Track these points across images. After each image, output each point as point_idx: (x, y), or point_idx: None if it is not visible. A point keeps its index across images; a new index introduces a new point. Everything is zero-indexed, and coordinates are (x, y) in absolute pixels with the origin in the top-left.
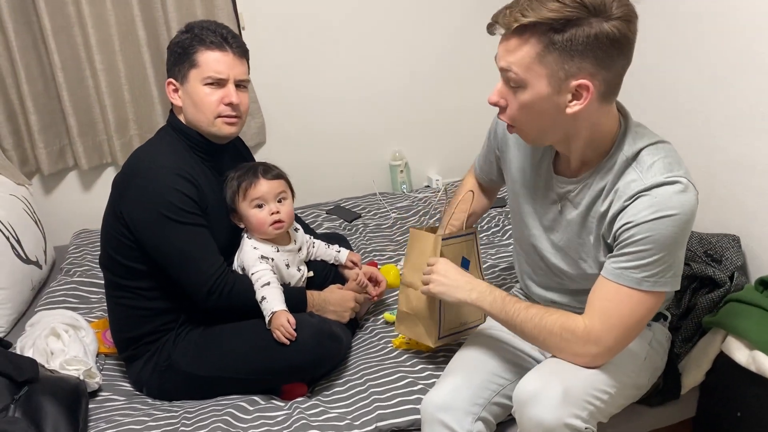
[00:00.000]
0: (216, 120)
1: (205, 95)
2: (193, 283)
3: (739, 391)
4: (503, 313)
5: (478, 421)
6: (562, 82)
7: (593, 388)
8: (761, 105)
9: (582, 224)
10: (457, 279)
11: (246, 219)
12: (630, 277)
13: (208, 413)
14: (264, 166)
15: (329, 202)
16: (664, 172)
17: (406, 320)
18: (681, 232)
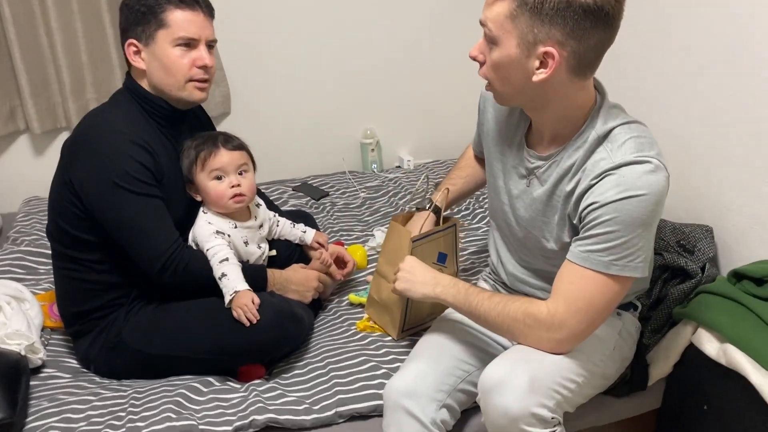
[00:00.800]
0: (187, 84)
1: (176, 57)
2: (145, 258)
3: (707, 384)
4: (467, 305)
5: (442, 409)
6: (531, 46)
7: (560, 377)
8: (738, 96)
9: (547, 202)
10: (421, 275)
11: (204, 191)
12: (597, 260)
13: (159, 394)
14: (224, 135)
15: (296, 179)
16: (634, 152)
17: (375, 306)
18: (649, 214)
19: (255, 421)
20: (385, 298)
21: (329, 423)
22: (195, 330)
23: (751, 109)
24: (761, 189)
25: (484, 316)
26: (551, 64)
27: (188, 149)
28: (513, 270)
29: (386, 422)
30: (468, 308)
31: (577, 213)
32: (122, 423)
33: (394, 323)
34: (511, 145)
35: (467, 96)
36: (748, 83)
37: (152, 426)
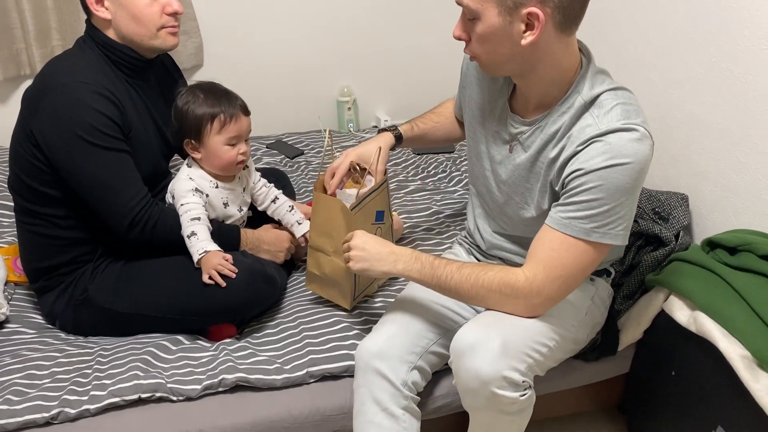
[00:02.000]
0: (159, 32)
1: (145, 6)
2: (112, 214)
3: (677, 351)
4: (435, 279)
5: (413, 370)
6: (513, 10)
7: (533, 341)
8: (722, 63)
9: (530, 169)
10: (378, 251)
11: (213, 153)
12: (578, 227)
13: (127, 351)
14: (239, 99)
15: (270, 136)
16: (621, 119)
17: (317, 281)
18: (633, 183)
19: (225, 380)
20: (328, 272)
21: (300, 383)
22: (164, 289)
23: (730, 76)
24: (738, 158)
25: (455, 289)
26: (537, 24)
27: (197, 105)
28: (489, 236)
29: (357, 383)
30: (437, 282)
31: (561, 179)
32: (88, 380)
33: (344, 295)
34: (494, 110)
35: (448, 56)
36: (728, 51)
37: (119, 384)
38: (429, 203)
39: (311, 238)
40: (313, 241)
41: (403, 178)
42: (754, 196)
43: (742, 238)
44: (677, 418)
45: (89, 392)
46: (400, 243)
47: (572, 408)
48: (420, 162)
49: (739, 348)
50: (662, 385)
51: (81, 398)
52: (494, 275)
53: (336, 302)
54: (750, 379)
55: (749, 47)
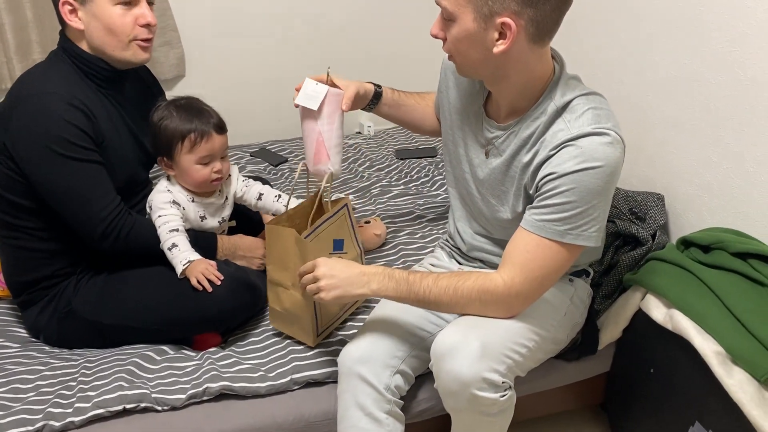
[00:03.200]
0: (131, 44)
1: (118, 17)
2: (84, 225)
3: (654, 349)
4: (412, 295)
5: (396, 375)
6: (488, 18)
7: (512, 342)
8: (693, 64)
9: (505, 172)
10: (348, 275)
11: (185, 171)
12: (552, 229)
13: (111, 363)
14: (214, 116)
15: (254, 144)
16: (592, 123)
17: (279, 317)
18: (605, 185)
19: (209, 388)
20: (288, 307)
21: (284, 390)
22: (148, 300)
23: (700, 77)
24: (710, 158)
25: (435, 302)
26: (509, 34)
27: (171, 122)
28: (470, 238)
29: (341, 388)
30: (415, 298)
31: (534, 183)
32: (72, 393)
33: (305, 330)
34: (470, 114)
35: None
36: (698, 52)
37: (104, 395)
38: (412, 207)
39: (269, 272)
40: (271, 276)
41: (386, 183)
42: (727, 194)
43: (715, 236)
44: (656, 415)
45: (74, 404)
46: (383, 248)
47: (556, 407)
48: (403, 167)
49: (713, 344)
50: (641, 382)
51: (65, 411)
52: (472, 284)
53: (299, 339)
54: (724, 374)
55: (718, 49)
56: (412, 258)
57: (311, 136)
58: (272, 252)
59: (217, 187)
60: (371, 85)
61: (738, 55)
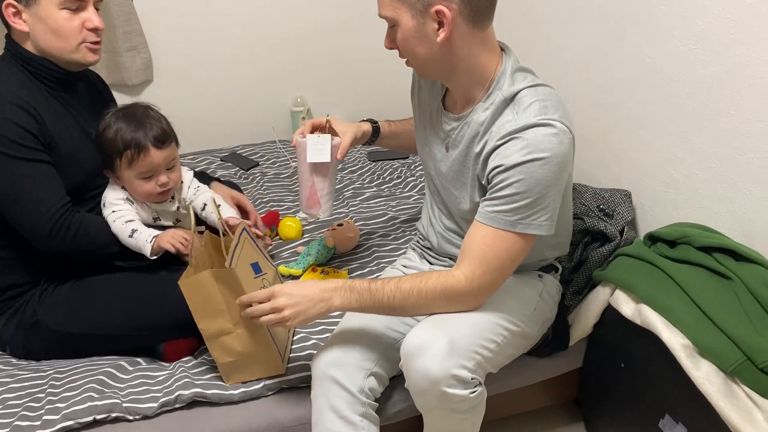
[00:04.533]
0: (80, 47)
1: (64, 21)
2: (30, 225)
3: (624, 343)
4: (377, 303)
5: (370, 377)
6: (423, 12)
7: (480, 338)
8: (656, 63)
9: (462, 163)
10: (308, 295)
11: (128, 185)
12: (504, 220)
13: (81, 373)
14: (154, 129)
15: (224, 149)
16: (537, 114)
17: (235, 368)
18: (553, 176)
19: (181, 396)
20: (241, 350)
21: (257, 396)
22: (115, 305)
23: (663, 75)
24: (675, 154)
25: (400, 306)
26: (446, 21)
27: (110, 133)
28: (441, 231)
29: (314, 393)
30: (380, 306)
31: (485, 174)
32: (41, 405)
33: (270, 361)
34: (432, 111)
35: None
36: (661, 51)
37: (73, 407)
38: (385, 209)
39: (202, 331)
40: (206, 332)
41: (359, 185)
42: (691, 190)
43: (680, 231)
44: (628, 409)
45: (42, 417)
46: (357, 250)
47: (530, 404)
48: (375, 168)
49: (680, 338)
50: (612, 377)
51: (33, 423)
52: (435, 283)
53: (266, 375)
54: (691, 367)
55: (679, 47)
56: (386, 260)
57: (306, 183)
58: (196, 307)
59: (167, 198)
60: (368, 125)
61: (699, 52)
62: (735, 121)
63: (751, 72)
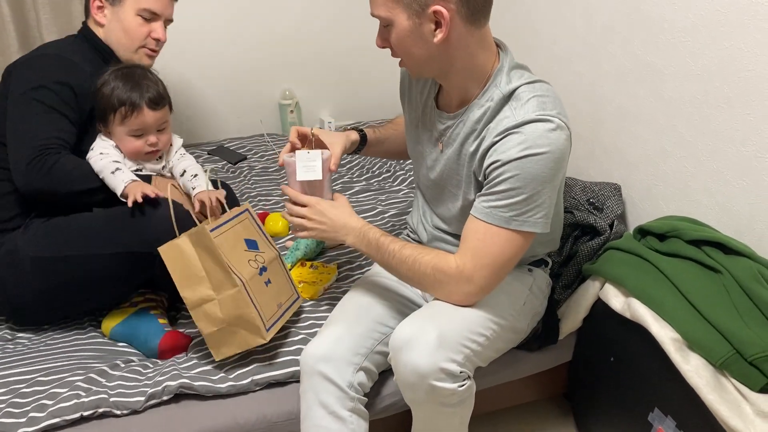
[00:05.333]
0: (140, 50)
1: (137, 25)
2: (15, 158)
3: (613, 337)
4: (379, 256)
5: (359, 372)
6: (420, 12)
7: (469, 331)
8: (645, 56)
9: (456, 161)
10: (336, 223)
11: (119, 141)
12: (499, 216)
13: (70, 370)
14: (151, 90)
15: (211, 143)
16: (536, 110)
17: (221, 338)
18: (550, 171)
19: (168, 387)
20: (224, 316)
21: (245, 391)
22: (94, 225)
23: (653, 69)
24: (664, 147)
25: (396, 268)
26: (444, 22)
27: (107, 89)
28: (431, 230)
29: (303, 388)
30: (380, 260)
31: (482, 170)
32: (27, 401)
33: (252, 326)
34: (425, 109)
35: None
36: (650, 45)
37: (60, 403)
38: (374, 203)
39: (185, 299)
40: (189, 300)
41: (348, 179)
42: (681, 183)
43: (670, 224)
44: (617, 403)
45: (28, 414)
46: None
47: (520, 398)
48: (365, 162)
49: (669, 331)
50: (602, 371)
51: (18, 420)
52: (430, 259)
53: (251, 344)
54: (681, 360)
55: (669, 40)
56: None
57: None
58: (177, 274)
59: (153, 158)
60: (356, 134)
61: (689, 45)
62: (725, 114)
63: (740, 65)
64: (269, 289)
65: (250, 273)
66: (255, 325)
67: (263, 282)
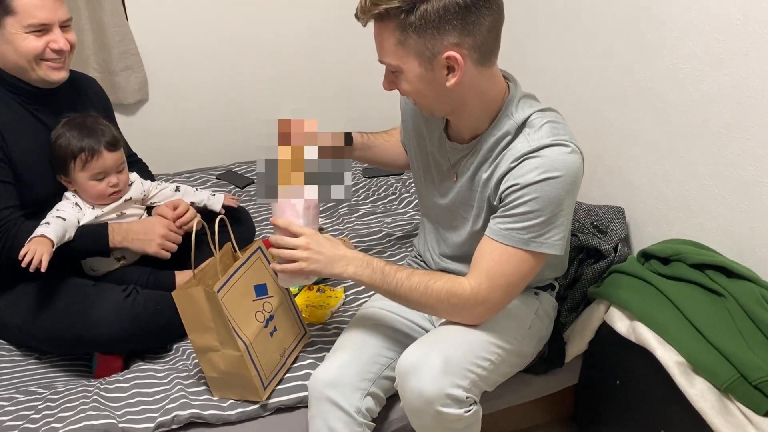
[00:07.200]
0: (41, 63)
1: (29, 42)
2: None
3: (619, 360)
4: (385, 285)
5: (367, 397)
6: (431, 59)
7: (474, 356)
8: (646, 80)
9: (469, 188)
10: (332, 255)
11: (81, 188)
12: (517, 237)
13: (77, 394)
14: (106, 134)
15: (220, 167)
16: (550, 135)
17: (221, 384)
18: (567, 194)
19: (178, 416)
20: (224, 369)
21: (255, 416)
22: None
23: (653, 93)
24: (666, 170)
25: (405, 297)
26: (458, 67)
27: (64, 141)
28: (437, 259)
29: (311, 413)
30: (387, 289)
31: (498, 194)
32: (37, 426)
33: (250, 386)
34: (432, 140)
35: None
36: (651, 68)
37: (69, 426)
38: (380, 226)
39: (192, 342)
40: (196, 344)
41: (354, 201)
42: (683, 206)
43: (673, 248)
44: (624, 426)
45: None
46: None
47: (528, 422)
48: (370, 185)
49: (674, 355)
50: (608, 394)
51: None
52: (442, 285)
53: (247, 398)
54: (686, 384)
55: (668, 66)
56: None
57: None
58: (187, 318)
59: (117, 199)
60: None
61: (688, 72)
62: (725, 139)
63: (739, 92)
64: (274, 339)
65: (256, 329)
66: (254, 385)
67: (269, 333)
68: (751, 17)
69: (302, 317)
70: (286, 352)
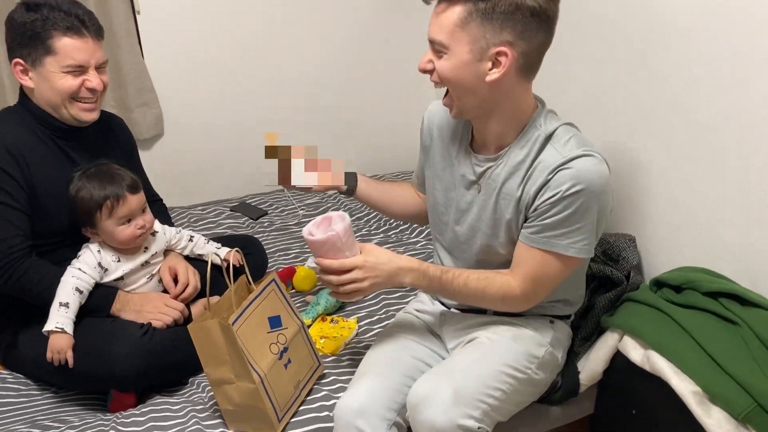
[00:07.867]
0: (73, 103)
1: (65, 82)
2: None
3: (634, 390)
4: (442, 291)
5: (392, 427)
6: (483, 50)
7: (485, 386)
8: (657, 107)
9: (497, 201)
10: (386, 270)
11: (109, 235)
12: (558, 244)
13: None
14: (126, 178)
15: (233, 199)
16: (579, 147)
17: (236, 417)
18: (602, 202)
19: None
20: (239, 401)
21: None
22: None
23: (662, 119)
24: (676, 197)
25: (462, 301)
26: (504, 62)
27: (86, 193)
28: None
29: None
30: (444, 295)
31: (534, 205)
32: None
33: (265, 419)
34: (457, 156)
35: (407, 110)
36: (656, 95)
37: None
38: None
39: (208, 375)
40: (211, 377)
41: (366, 231)
42: (694, 232)
43: (685, 276)
44: None
45: None
46: (365, 299)
47: None
48: (382, 215)
49: (690, 384)
50: (625, 424)
51: None
52: (497, 290)
53: (262, 431)
54: (702, 414)
55: (674, 93)
56: (394, 307)
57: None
58: (203, 351)
59: (145, 240)
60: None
61: (695, 98)
62: (732, 165)
63: (746, 117)
64: (288, 371)
65: (270, 361)
66: (268, 418)
67: (283, 365)
68: (756, 44)
69: (316, 349)
70: (300, 384)
